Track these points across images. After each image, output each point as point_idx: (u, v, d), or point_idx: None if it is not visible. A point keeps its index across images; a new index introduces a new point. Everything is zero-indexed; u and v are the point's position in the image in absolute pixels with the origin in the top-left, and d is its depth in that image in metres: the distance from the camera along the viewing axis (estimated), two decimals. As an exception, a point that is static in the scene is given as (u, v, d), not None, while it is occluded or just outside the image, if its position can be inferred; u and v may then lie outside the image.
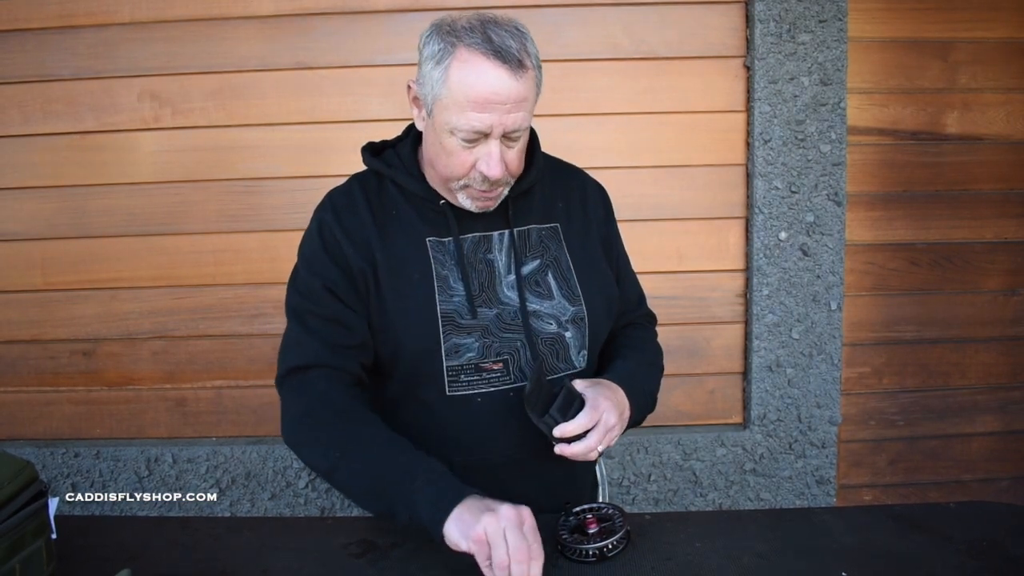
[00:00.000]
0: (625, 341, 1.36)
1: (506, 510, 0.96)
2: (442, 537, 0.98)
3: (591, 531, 1.08)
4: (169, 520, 1.25)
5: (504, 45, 1.05)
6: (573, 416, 1.09)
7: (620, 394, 1.19)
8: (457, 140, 1.10)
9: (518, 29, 1.09)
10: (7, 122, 2.09)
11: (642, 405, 1.26)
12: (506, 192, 1.19)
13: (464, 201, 1.18)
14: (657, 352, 1.39)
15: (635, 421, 1.24)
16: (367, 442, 1.09)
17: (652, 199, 2.14)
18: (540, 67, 1.12)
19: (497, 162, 1.10)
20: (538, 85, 1.12)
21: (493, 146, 1.10)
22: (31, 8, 2.05)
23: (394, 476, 1.05)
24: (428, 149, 1.19)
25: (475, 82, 1.05)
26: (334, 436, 1.11)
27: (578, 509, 1.14)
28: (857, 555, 1.07)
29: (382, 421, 1.14)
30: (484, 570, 0.96)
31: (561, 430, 1.08)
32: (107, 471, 2.17)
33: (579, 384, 1.16)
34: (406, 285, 1.18)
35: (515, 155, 1.14)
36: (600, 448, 1.10)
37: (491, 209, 1.20)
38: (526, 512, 0.98)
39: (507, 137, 1.11)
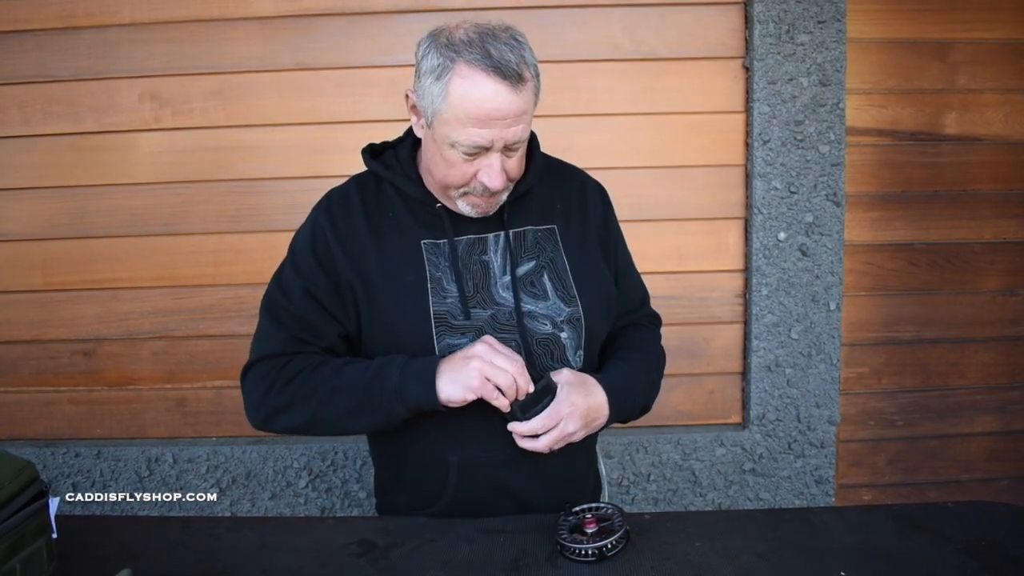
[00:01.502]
0: (625, 342, 1.35)
1: (478, 349, 1.11)
2: (443, 403, 1.11)
3: (590, 531, 1.08)
4: (169, 520, 1.25)
5: (503, 60, 1.05)
6: (539, 408, 1.13)
7: (597, 397, 1.19)
8: (458, 153, 1.11)
9: (515, 39, 1.09)
10: (8, 122, 2.09)
11: (628, 408, 1.26)
12: (505, 196, 1.20)
13: (464, 207, 1.18)
14: (658, 355, 1.38)
15: (621, 420, 1.25)
16: (333, 374, 1.17)
17: (651, 199, 2.14)
18: (538, 74, 1.12)
19: (498, 173, 1.12)
20: (537, 93, 1.13)
21: (494, 159, 1.11)
22: (31, 8, 2.05)
23: (372, 385, 1.14)
24: (427, 158, 1.19)
25: (476, 98, 1.06)
26: (304, 387, 1.17)
27: (577, 509, 1.14)
28: (856, 555, 1.07)
29: (331, 356, 1.22)
30: (495, 402, 1.11)
31: (513, 427, 1.14)
32: (107, 471, 2.17)
33: (562, 376, 1.17)
34: (400, 287, 1.19)
35: (515, 163, 1.15)
36: (554, 448, 1.15)
37: (490, 214, 1.20)
38: (487, 339, 1.13)
39: (508, 148, 1.11)
